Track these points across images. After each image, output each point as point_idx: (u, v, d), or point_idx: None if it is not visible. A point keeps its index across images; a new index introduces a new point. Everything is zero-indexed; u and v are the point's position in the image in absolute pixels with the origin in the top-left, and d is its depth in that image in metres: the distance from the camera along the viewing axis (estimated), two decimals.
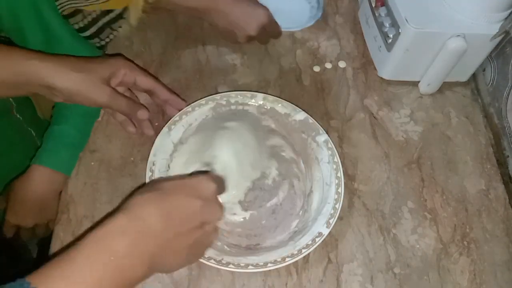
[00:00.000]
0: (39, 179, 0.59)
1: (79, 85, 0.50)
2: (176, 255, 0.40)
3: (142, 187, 0.42)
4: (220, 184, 0.45)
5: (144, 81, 0.57)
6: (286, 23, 0.72)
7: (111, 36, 0.71)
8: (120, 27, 0.70)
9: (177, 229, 0.39)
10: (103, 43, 0.71)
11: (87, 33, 0.68)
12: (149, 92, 0.58)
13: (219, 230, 0.49)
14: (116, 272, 0.35)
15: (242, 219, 0.55)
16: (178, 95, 0.60)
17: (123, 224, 0.37)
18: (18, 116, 0.66)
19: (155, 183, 0.42)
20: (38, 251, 0.94)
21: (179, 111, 0.59)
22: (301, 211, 0.56)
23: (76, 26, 0.66)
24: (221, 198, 0.44)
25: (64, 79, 0.49)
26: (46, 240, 0.56)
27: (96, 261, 0.35)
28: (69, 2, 0.61)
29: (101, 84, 0.52)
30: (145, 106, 0.57)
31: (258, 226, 0.54)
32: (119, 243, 0.36)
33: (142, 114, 0.56)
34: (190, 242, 0.40)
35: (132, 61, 0.57)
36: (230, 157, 0.55)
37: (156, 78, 0.58)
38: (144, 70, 0.57)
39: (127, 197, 0.41)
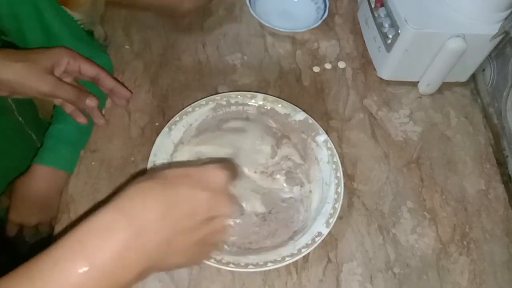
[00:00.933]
0: (41, 178, 0.59)
1: (21, 75, 0.49)
2: (179, 255, 0.35)
3: (140, 175, 0.36)
4: (232, 172, 0.39)
5: (89, 69, 0.56)
6: (294, 26, 0.72)
7: None
8: None
9: (179, 225, 0.34)
10: None
11: None
12: (95, 80, 0.58)
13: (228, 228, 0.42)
14: (99, 279, 0.30)
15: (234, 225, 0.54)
16: (123, 85, 0.61)
17: (109, 224, 0.31)
18: (19, 118, 0.67)
19: (155, 171, 0.36)
20: (38, 252, 0.94)
21: (125, 101, 0.60)
22: (301, 217, 0.55)
23: None
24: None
25: (5, 71, 0.49)
26: (46, 240, 0.56)
27: (67, 271, 0.29)
28: None
29: (44, 74, 0.51)
30: (93, 95, 0.56)
31: (251, 233, 0.54)
32: (101, 249, 0.30)
33: (91, 101, 0.55)
34: (195, 240, 0.36)
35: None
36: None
37: (100, 67, 0.58)
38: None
39: (122, 185, 0.37)
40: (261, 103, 0.62)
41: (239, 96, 0.62)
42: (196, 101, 0.61)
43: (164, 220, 0.33)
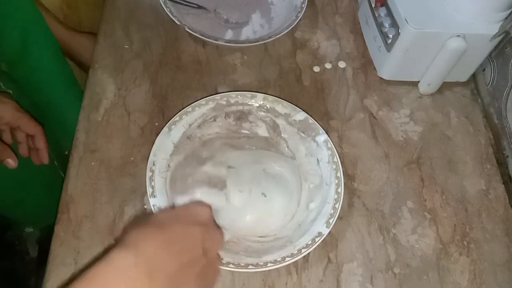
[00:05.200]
0: None
1: None
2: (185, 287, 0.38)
3: (133, 222, 0.40)
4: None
5: (28, 129, 0.60)
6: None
7: None
8: None
9: (181, 259, 0.36)
10: None
11: None
12: (31, 136, 0.62)
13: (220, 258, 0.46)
14: None
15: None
16: (48, 151, 0.63)
17: (125, 259, 0.34)
18: None
19: (149, 217, 0.39)
20: (38, 252, 0.94)
21: (38, 160, 0.63)
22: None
23: None
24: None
25: None
26: (46, 240, 0.56)
27: None
28: None
29: None
30: (15, 157, 0.60)
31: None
32: (122, 281, 0.33)
33: (7, 163, 0.59)
34: (197, 272, 0.38)
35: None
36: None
37: (40, 129, 0.61)
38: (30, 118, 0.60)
39: (123, 230, 0.40)
40: (261, 102, 0.62)
41: (239, 96, 0.62)
42: (196, 101, 0.61)
43: (167, 254, 0.36)
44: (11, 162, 0.59)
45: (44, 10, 0.73)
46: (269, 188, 0.55)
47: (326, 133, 0.59)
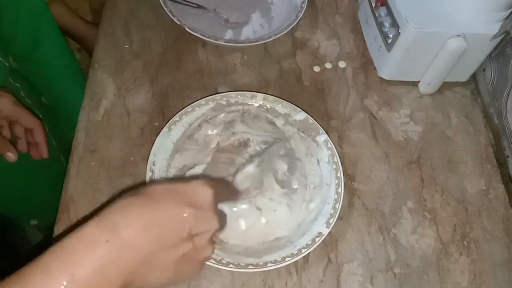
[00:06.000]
0: None
1: None
2: (160, 272, 0.35)
3: (130, 189, 0.37)
4: (223, 191, 0.39)
5: (27, 123, 0.59)
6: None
7: None
8: None
9: (161, 241, 0.34)
10: None
11: None
12: (30, 130, 0.61)
13: (215, 245, 0.41)
14: None
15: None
16: (47, 144, 0.63)
17: (91, 236, 0.32)
18: (53, 142, 0.70)
19: (142, 187, 0.36)
20: (38, 252, 0.94)
21: (38, 155, 0.62)
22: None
23: None
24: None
25: None
26: (46, 241, 0.56)
27: (52, 281, 0.29)
28: None
29: None
30: (15, 151, 0.59)
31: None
32: (83, 260, 0.30)
33: (8, 157, 0.58)
34: (177, 257, 0.35)
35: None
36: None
37: (39, 123, 0.61)
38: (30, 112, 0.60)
39: (112, 198, 0.38)
40: (261, 102, 0.62)
41: (239, 96, 0.62)
42: (196, 100, 0.61)
43: (146, 236, 0.33)
44: (11, 156, 0.58)
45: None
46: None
47: (326, 133, 0.59)
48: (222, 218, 0.39)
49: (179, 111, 0.60)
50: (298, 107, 0.61)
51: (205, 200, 0.37)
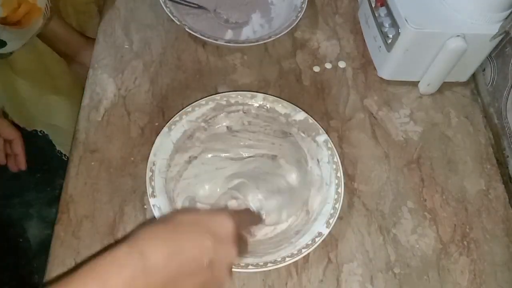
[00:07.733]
0: None
1: None
2: None
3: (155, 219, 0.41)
4: (245, 220, 0.44)
5: (7, 135, 0.62)
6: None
7: None
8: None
9: (182, 268, 0.36)
10: None
11: None
12: (9, 141, 0.63)
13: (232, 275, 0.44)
14: None
15: None
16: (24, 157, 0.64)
17: (122, 257, 0.35)
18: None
19: (170, 215, 0.40)
20: (38, 252, 0.94)
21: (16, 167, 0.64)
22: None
23: None
24: None
25: None
26: (46, 241, 0.56)
27: None
28: None
29: None
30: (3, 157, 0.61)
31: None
32: (114, 276, 0.34)
33: None
34: (196, 283, 0.38)
35: None
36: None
37: (19, 135, 0.62)
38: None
39: (140, 225, 0.40)
40: (261, 102, 0.62)
41: (239, 96, 0.62)
42: (196, 101, 0.61)
43: (171, 261, 0.36)
44: None
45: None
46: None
47: (326, 133, 0.59)
48: (243, 244, 0.42)
49: (179, 111, 0.60)
50: (298, 107, 0.61)
51: (226, 232, 0.40)
